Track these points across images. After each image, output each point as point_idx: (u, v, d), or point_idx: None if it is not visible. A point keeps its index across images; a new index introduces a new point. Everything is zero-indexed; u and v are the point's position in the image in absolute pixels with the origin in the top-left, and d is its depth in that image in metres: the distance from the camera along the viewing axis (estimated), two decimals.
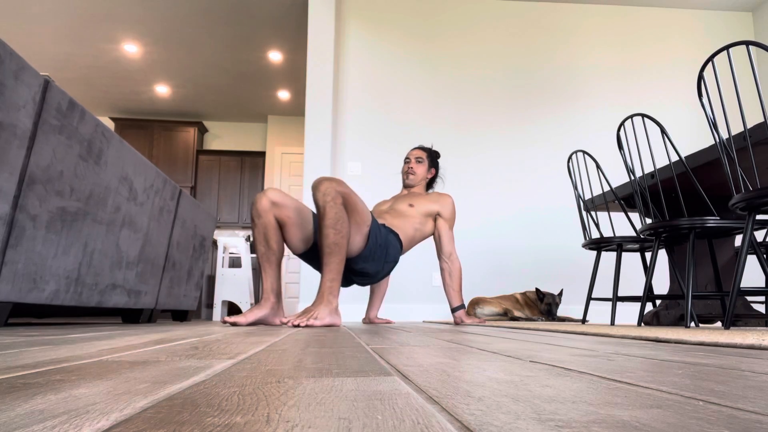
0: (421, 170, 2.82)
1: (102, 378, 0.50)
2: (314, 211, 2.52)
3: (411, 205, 2.69)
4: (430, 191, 2.90)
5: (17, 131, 1.64)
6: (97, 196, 2.14)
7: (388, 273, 2.59)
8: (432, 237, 2.78)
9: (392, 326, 2.36)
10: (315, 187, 2.17)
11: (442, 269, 2.72)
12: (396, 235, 2.55)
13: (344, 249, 2.18)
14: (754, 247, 1.98)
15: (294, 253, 2.48)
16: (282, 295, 2.38)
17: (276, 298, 2.31)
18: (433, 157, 2.88)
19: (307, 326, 1.98)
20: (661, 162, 4.63)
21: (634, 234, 4.57)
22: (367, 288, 4.23)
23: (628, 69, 4.92)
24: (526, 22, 4.91)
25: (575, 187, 2.98)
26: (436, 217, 2.71)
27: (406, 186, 2.85)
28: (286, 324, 2.03)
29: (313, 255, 2.46)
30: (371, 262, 2.41)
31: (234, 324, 2.16)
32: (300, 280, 4.17)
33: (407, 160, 2.84)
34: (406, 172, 2.82)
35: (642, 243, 2.73)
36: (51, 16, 5.17)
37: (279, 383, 0.47)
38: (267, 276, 2.33)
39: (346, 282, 2.52)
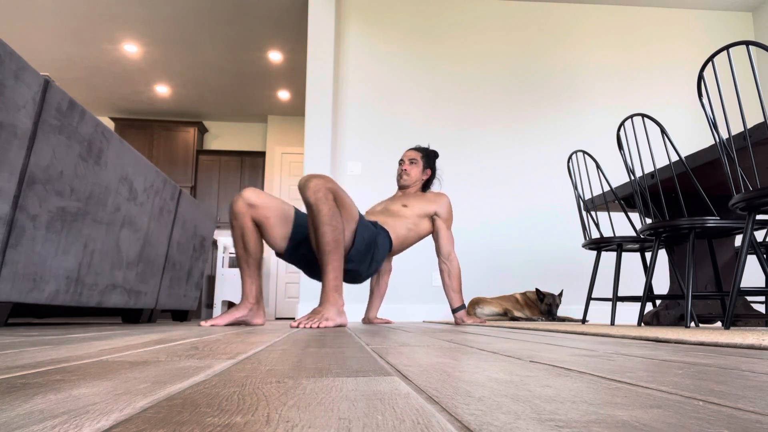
0: (415, 172, 2.78)
1: (102, 378, 0.50)
2: (297, 208, 2.48)
3: (405, 206, 2.66)
4: (427, 192, 2.88)
5: (17, 131, 1.64)
6: (97, 196, 2.14)
7: (374, 273, 2.55)
8: (430, 237, 2.76)
9: (392, 326, 2.36)
10: (303, 186, 2.12)
11: (441, 270, 2.72)
12: (386, 233, 2.52)
13: (342, 245, 2.15)
14: (754, 247, 1.98)
15: (277, 253, 2.42)
16: (262, 296, 2.36)
17: (255, 300, 2.29)
18: (429, 157, 2.83)
19: (318, 328, 1.96)
20: (661, 162, 4.63)
21: (634, 234, 4.57)
22: (367, 288, 4.23)
23: (628, 69, 4.92)
24: (526, 21, 4.91)
25: (575, 187, 2.98)
26: (433, 217, 2.70)
27: (400, 187, 2.83)
28: (297, 327, 1.99)
29: (297, 256, 2.41)
30: (358, 261, 2.37)
31: (212, 326, 2.13)
32: (300, 280, 4.17)
33: (401, 162, 2.81)
34: (400, 174, 2.80)
35: (642, 243, 2.73)
36: (51, 16, 5.17)
37: (279, 383, 0.47)
38: (246, 278, 2.30)
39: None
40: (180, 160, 7.32)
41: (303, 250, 2.36)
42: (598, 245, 2.83)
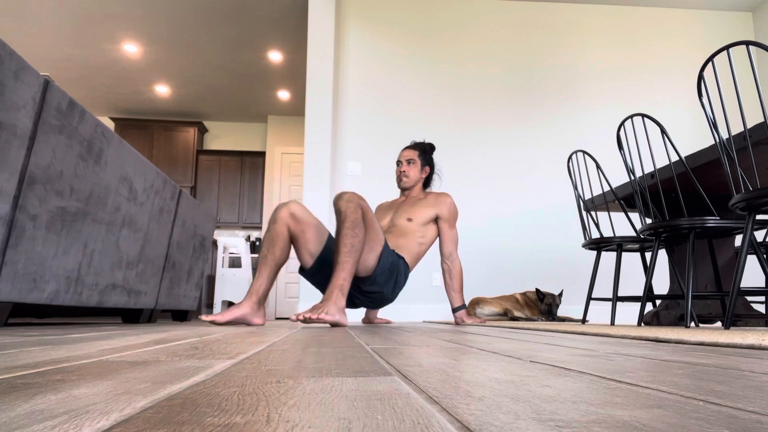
0: (414, 172, 2.78)
1: (102, 378, 0.50)
2: (331, 233, 2.55)
3: (409, 219, 2.67)
4: (428, 190, 2.88)
5: (17, 131, 1.64)
6: (97, 196, 2.14)
7: (395, 298, 2.62)
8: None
9: (392, 326, 2.36)
10: (338, 197, 2.28)
11: (443, 269, 2.73)
12: (403, 260, 2.58)
13: (359, 254, 2.23)
14: (754, 247, 1.98)
15: (301, 269, 2.51)
16: (266, 299, 2.40)
17: (258, 300, 2.32)
18: (425, 153, 2.82)
19: (318, 320, 2.01)
20: (661, 162, 4.63)
21: (634, 234, 4.57)
22: None
23: (628, 69, 4.92)
24: (526, 21, 4.91)
25: (575, 187, 2.98)
26: (436, 219, 2.71)
27: (401, 189, 2.83)
28: (298, 319, 2.05)
29: (319, 277, 2.48)
30: (382, 283, 2.45)
31: (212, 322, 2.17)
32: (300, 279, 4.17)
33: (399, 163, 2.81)
34: (399, 177, 2.80)
35: (642, 243, 2.73)
36: (51, 16, 5.17)
37: (279, 383, 0.47)
38: (259, 277, 2.33)
39: (351, 303, 2.53)
40: (180, 160, 7.32)
41: (325, 271, 2.41)
42: (598, 245, 2.83)
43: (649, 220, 3.98)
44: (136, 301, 2.65)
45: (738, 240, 4.06)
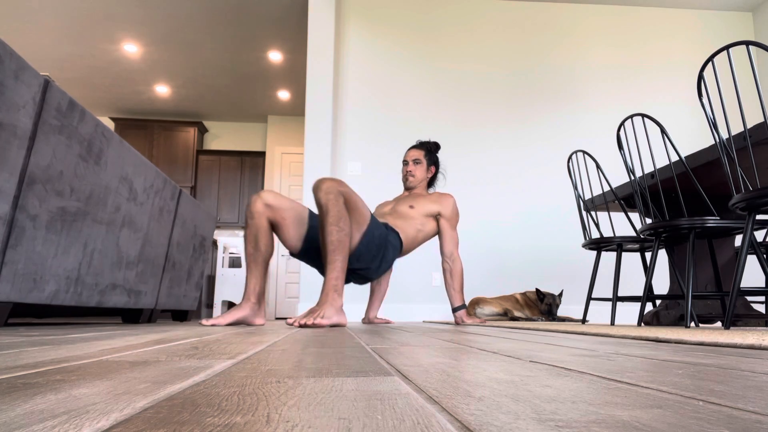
0: (420, 171, 2.81)
1: (102, 378, 0.50)
2: (311, 210, 2.52)
3: (412, 207, 2.69)
4: (432, 190, 2.90)
5: (17, 131, 1.64)
6: (97, 196, 2.14)
7: (384, 272, 2.60)
8: (435, 237, 2.79)
9: (392, 326, 2.36)
10: (317, 187, 2.19)
11: (444, 269, 2.73)
12: (397, 234, 2.56)
13: (347, 247, 2.18)
14: (754, 247, 1.98)
15: (291, 253, 2.48)
16: (264, 297, 2.38)
17: (257, 300, 2.30)
18: (431, 153, 2.85)
19: (314, 326, 1.97)
20: (661, 162, 4.63)
21: (634, 234, 4.57)
22: (367, 288, 4.23)
23: (628, 69, 4.92)
24: (526, 21, 4.91)
25: (575, 187, 2.98)
26: (437, 217, 2.71)
27: (407, 188, 2.85)
28: (293, 325, 2.01)
29: (311, 254, 2.46)
30: (367, 260, 2.41)
31: (213, 325, 2.14)
32: (300, 280, 4.17)
33: (405, 163, 2.84)
34: (405, 176, 2.82)
35: (642, 243, 2.73)
36: (51, 16, 5.17)
37: (279, 383, 0.47)
38: (252, 276, 2.32)
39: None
40: (180, 160, 7.32)
41: (315, 246, 2.39)
42: (598, 245, 2.83)
43: (649, 220, 3.98)
44: (136, 301, 2.65)
45: (738, 240, 4.06)
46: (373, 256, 2.42)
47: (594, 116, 4.80)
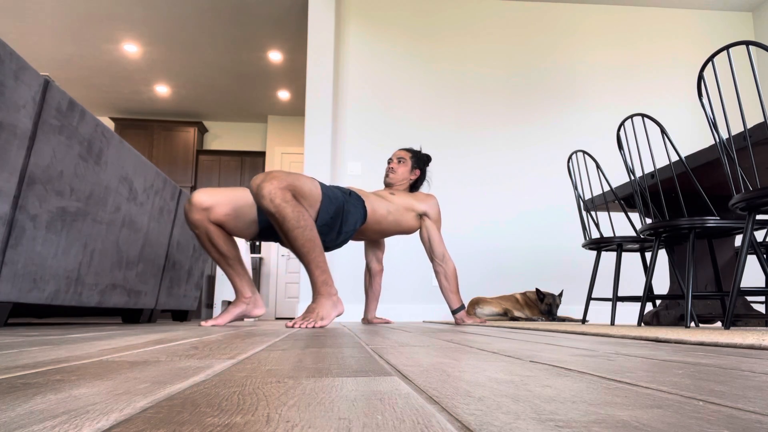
0: (402, 170, 2.73)
1: (102, 378, 0.50)
2: (244, 187, 2.42)
3: (392, 193, 2.62)
4: (415, 192, 2.85)
5: (17, 131, 1.64)
6: (97, 196, 2.14)
7: (343, 244, 2.42)
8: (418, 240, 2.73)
9: (392, 326, 2.36)
10: (257, 194, 1.98)
11: (436, 272, 2.66)
12: (362, 202, 2.39)
13: (317, 237, 2.07)
14: (754, 247, 1.98)
15: (247, 240, 2.42)
16: (254, 287, 2.33)
17: (250, 292, 2.27)
18: (419, 158, 2.78)
19: (314, 328, 1.95)
20: (661, 162, 4.63)
21: (634, 234, 4.57)
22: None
23: (628, 69, 4.92)
24: (526, 21, 4.91)
25: (575, 187, 2.98)
26: (422, 217, 2.65)
27: (386, 185, 2.77)
28: (292, 328, 1.98)
29: (271, 230, 2.34)
30: (324, 233, 2.25)
31: (214, 326, 2.14)
32: (300, 279, 4.17)
33: (389, 160, 2.78)
34: (387, 172, 2.75)
35: (642, 243, 2.73)
36: (51, 16, 5.17)
37: (279, 383, 0.47)
38: (233, 276, 2.29)
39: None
40: (180, 160, 7.32)
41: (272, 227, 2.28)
42: (598, 245, 2.83)
43: (649, 220, 3.98)
44: (136, 301, 2.65)
45: (738, 240, 4.06)
46: (329, 228, 2.26)
47: (594, 116, 4.80)
